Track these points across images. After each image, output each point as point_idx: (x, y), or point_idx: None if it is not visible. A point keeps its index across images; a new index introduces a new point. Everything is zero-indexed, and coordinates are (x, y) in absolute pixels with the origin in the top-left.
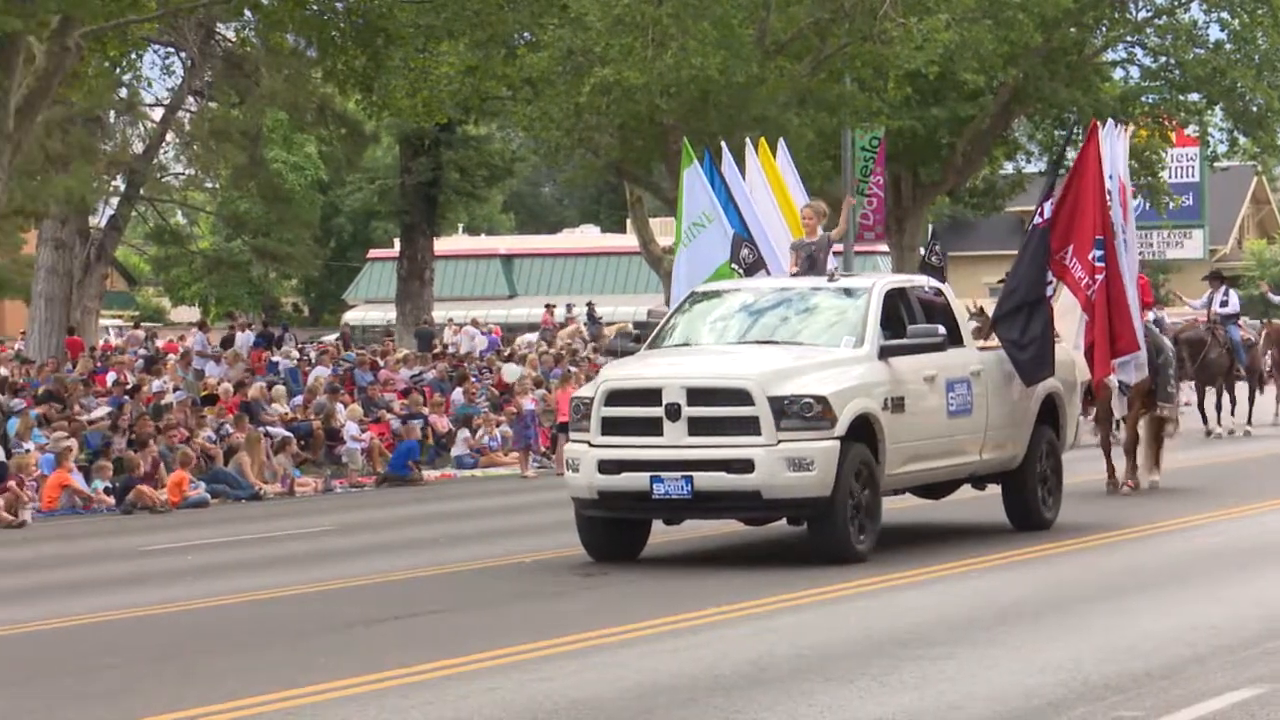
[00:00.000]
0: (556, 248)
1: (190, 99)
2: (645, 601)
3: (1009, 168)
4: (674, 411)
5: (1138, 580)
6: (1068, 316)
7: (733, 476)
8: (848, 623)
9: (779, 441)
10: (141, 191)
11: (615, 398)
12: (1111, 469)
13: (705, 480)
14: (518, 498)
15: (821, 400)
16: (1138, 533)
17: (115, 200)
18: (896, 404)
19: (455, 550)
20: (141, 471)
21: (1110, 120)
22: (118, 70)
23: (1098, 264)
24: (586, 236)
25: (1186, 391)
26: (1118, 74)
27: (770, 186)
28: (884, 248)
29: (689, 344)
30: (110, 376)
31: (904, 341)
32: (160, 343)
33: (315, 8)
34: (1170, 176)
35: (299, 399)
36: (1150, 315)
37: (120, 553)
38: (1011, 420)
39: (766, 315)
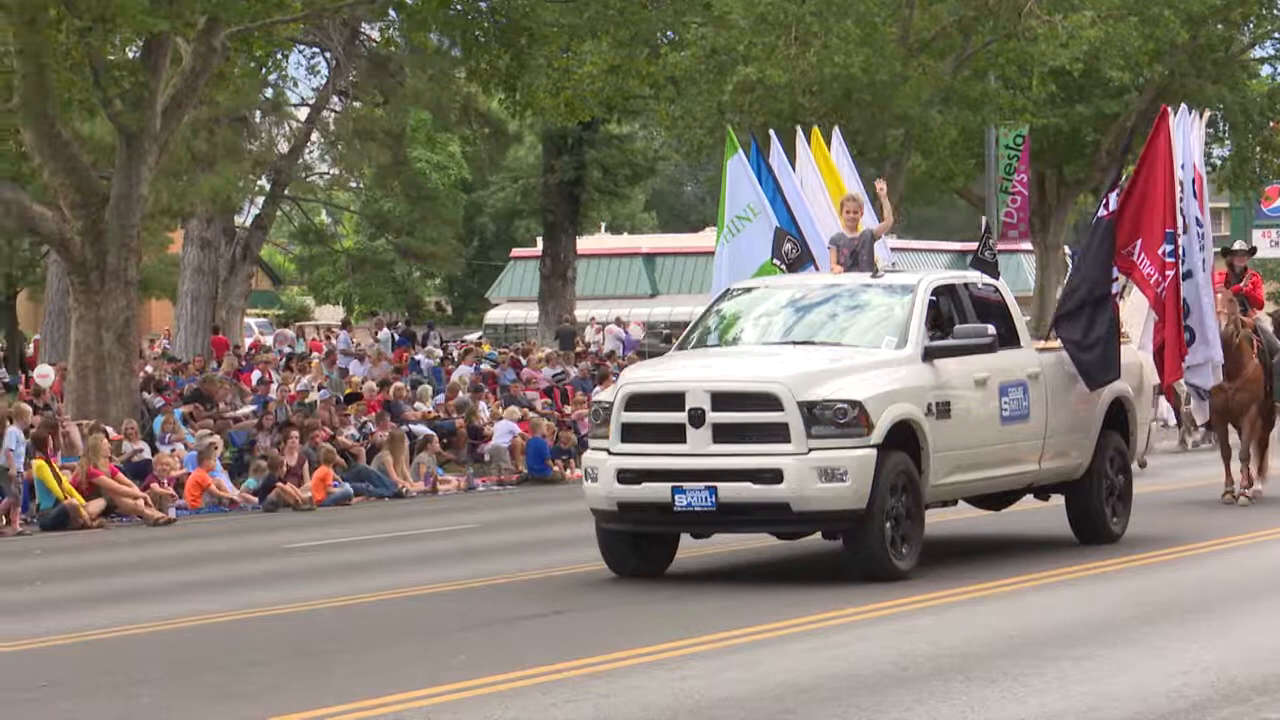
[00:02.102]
0: (698, 246)
1: (335, 99)
2: (779, 601)
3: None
4: (698, 417)
5: (1272, 584)
6: (1136, 316)
7: (760, 487)
8: (988, 623)
9: (810, 450)
10: (286, 191)
11: (635, 402)
12: (1230, 477)
13: (731, 491)
14: None
15: (856, 405)
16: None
17: (260, 200)
18: (942, 409)
19: (591, 549)
20: (285, 470)
21: (1184, 107)
22: (263, 70)
23: (1168, 260)
24: None
25: None
26: (1265, 70)
27: (823, 178)
28: (1028, 246)
29: (719, 345)
30: (255, 375)
31: (950, 342)
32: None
33: (459, 7)
34: None
35: (441, 397)
36: (1260, 314)
37: (263, 550)
38: (1074, 426)
39: (803, 314)
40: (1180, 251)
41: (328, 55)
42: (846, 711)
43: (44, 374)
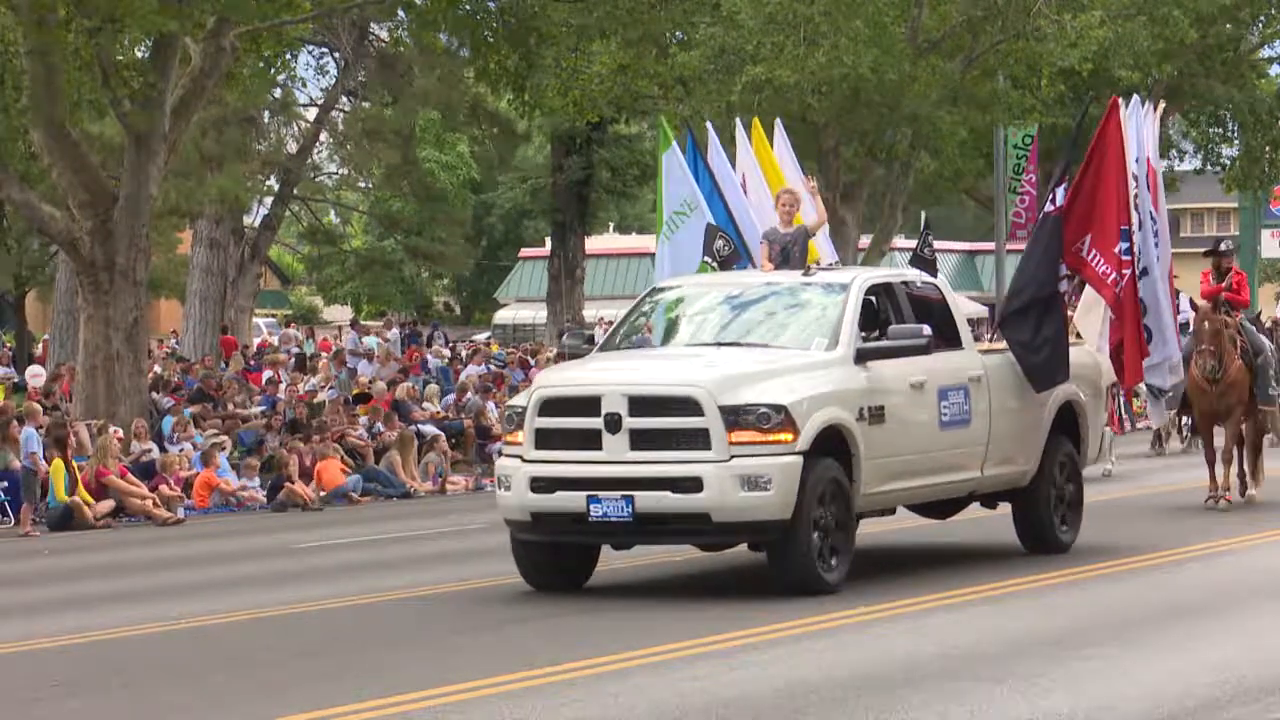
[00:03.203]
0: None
1: (344, 99)
2: (790, 601)
3: (1163, 165)
4: (614, 422)
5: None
6: (1090, 315)
7: (679, 497)
8: (997, 623)
9: (732, 457)
10: (295, 191)
11: (550, 406)
12: (1215, 482)
13: (648, 501)
14: None
15: (781, 410)
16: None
17: (269, 200)
18: (875, 414)
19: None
20: (292, 470)
21: (1135, 98)
22: (272, 71)
23: (1125, 258)
24: None
25: None
26: (1274, 70)
27: (763, 173)
28: None
29: (643, 346)
30: (265, 375)
31: (884, 344)
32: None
33: (468, 7)
34: None
35: (450, 398)
36: (1244, 315)
37: (271, 550)
38: (1020, 432)
39: (730, 315)
40: (1136, 249)
41: (336, 55)
42: (856, 711)
43: (36, 374)
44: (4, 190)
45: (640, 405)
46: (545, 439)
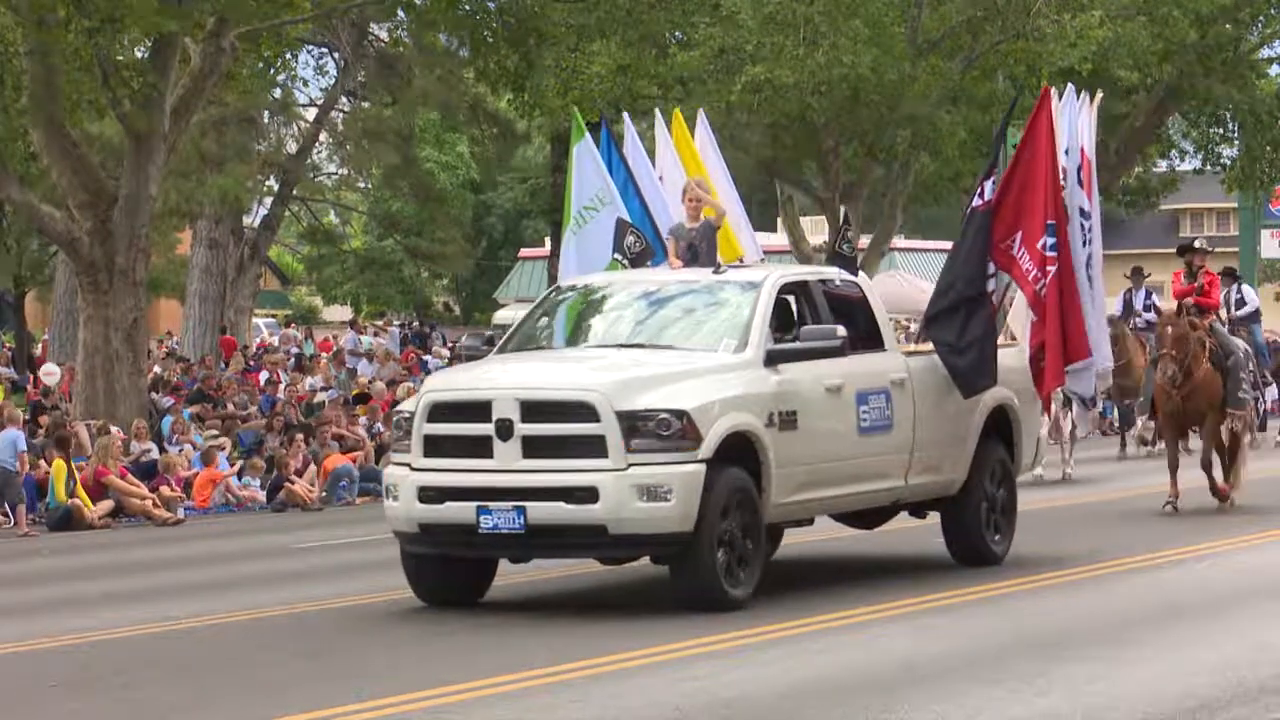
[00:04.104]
0: None
1: (343, 99)
2: (789, 602)
3: (1163, 165)
4: (505, 429)
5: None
6: (1023, 316)
7: (573, 507)
8: (995, 624)
9: (629, 466)
10: (295, 191)
11: (439, 411)
12: (1175, 489)
13: (541, 512)
14: None
15: (682, 415)
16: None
17: (269, 200)
18: (786, 419)
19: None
20: (292, 470)
21: (1070, 87)
22: (272, 71)
23: (1049, 254)
24: None
25: None
26: (1274, 70)
27: (683, 165)
28: None
29: (539, 348)
30: (263, 375)
31: (795, 345)
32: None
33: (468, 7)
34: None
35: None
36: (1213, 318)
37: (271, 551)
38: (947, 438)
39: (634, 314)
40: (1070, 244)
41: (336, 55)
42: (855, 712)
43: (50, 372)
44: (4, 190)
45: (533, 410)
46: (434, 446)
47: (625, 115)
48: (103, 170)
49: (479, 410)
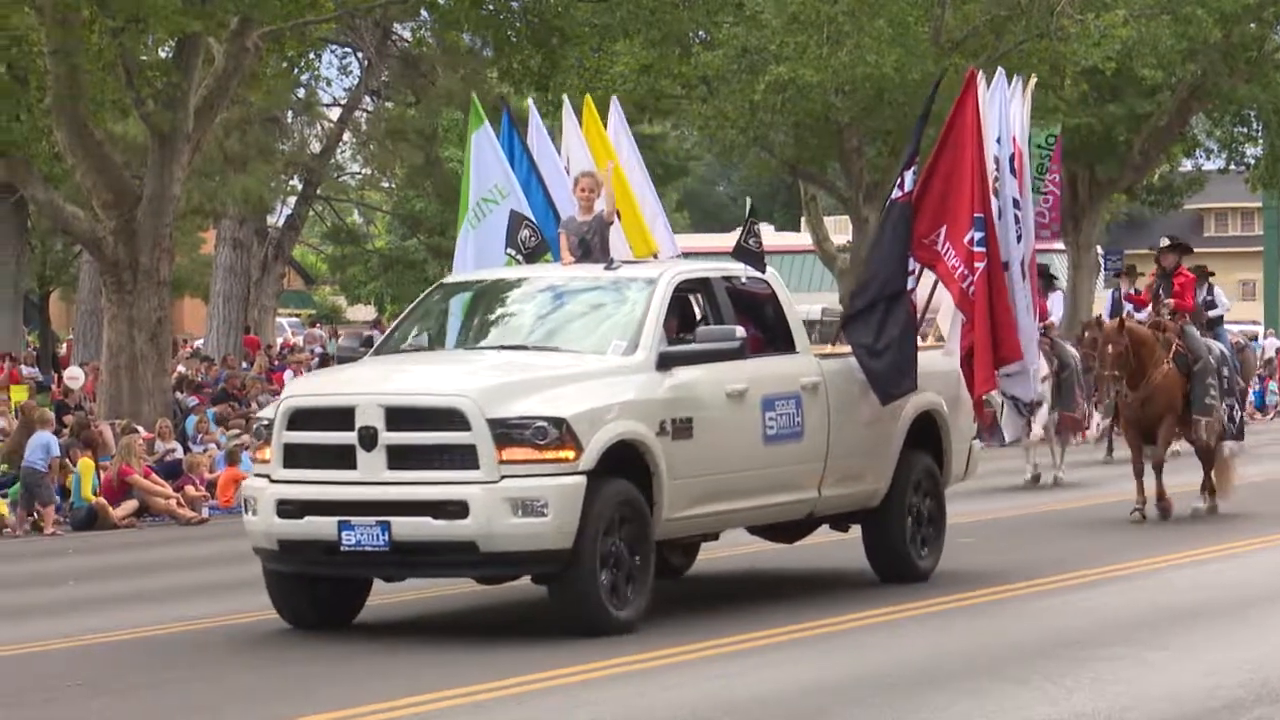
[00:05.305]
0: (731, 246)
1: (367, 99)
2: (815, 602)
3: (1187, 165)
4: (369, 437)
5: None
6: (951, 316)
7: (441, 523)
8: (1020, 624)
9: (502, 478)
10: (318, 191)
11: (299, 418)
12: (1142, 494)
13: (406, 527)
14: None
15: (560, 423)
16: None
17: (293, 200)
18: (681, 427)
19: None
20: None
21: (1000, 71)
22: (295, 71)
23: (977, 249)
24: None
25: None
26: None
27: (592, 155)
28: (1060, 246)
29: (419, 349)
30: (287, 374)
31: (690, 348)
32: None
33: (491, 7)
34: None
35: None
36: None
37: None
38: (867, 446)
39: (518, 314)
40: (999, 239)
41: (360, 55)
42: (878, 711)
43: (74, 376)
44: (28, 190)
45: (398, 417)
46: (294, 456)
47: (530, 101)
48: (127, 170)
49: (341, 417)
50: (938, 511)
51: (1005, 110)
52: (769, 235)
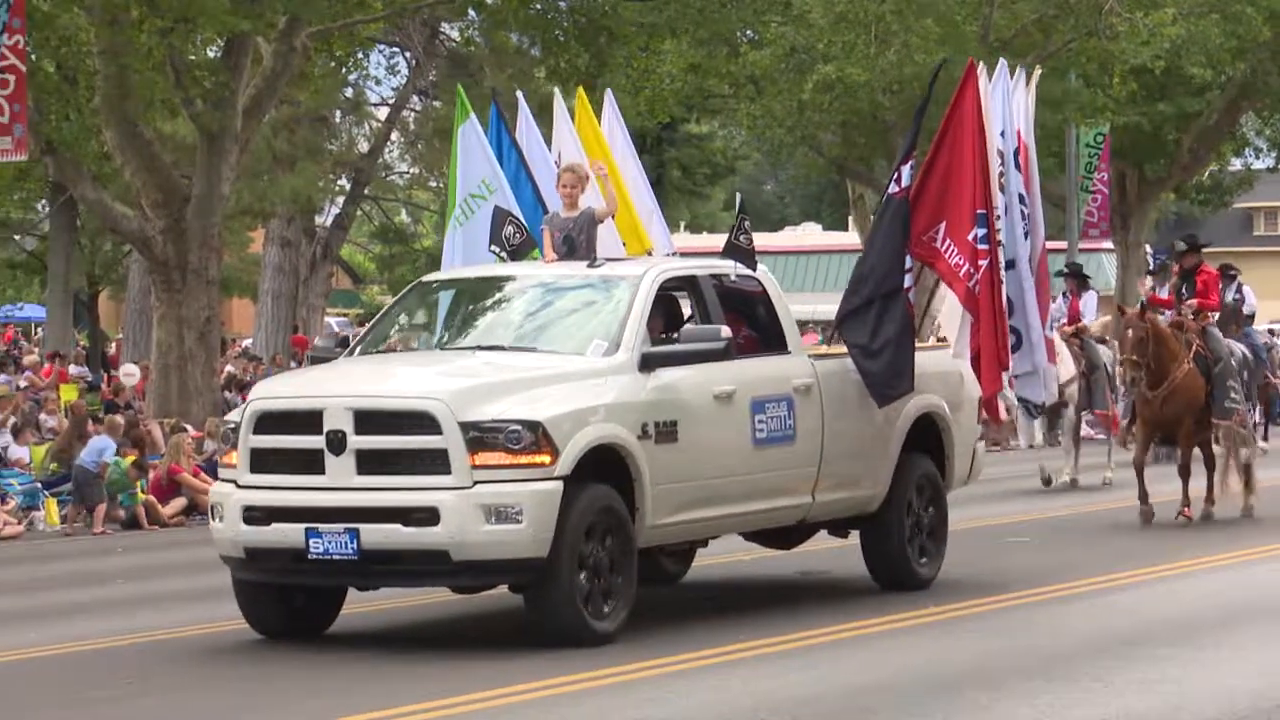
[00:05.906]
0: (778, 245)
1: (415, 98)
2: (858, 601)
3: (1236, 164)
4: (337, 441)
5: None
6: (956, 315)
7: (411, 530)
8: (1068, 623)
9: (475, 484)
10: (367, 190)
11: (266, 422)
12: (1144, 495)
13: (376, 535)
14: None
15: (535, 427)
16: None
17: (341, 199)
18: (664, 430)
19: None
20: None
21: (1002, 62)
22: (344, 70)
23: (980, 246)
24: (808, 234)
25: None
26: None
27: (584, 150)
28: (1109, 245)
29: (394, 350)
30: None
31: (674, 348)
32: None
33: (539, 7)
34: None
35: None
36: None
37: None
38: (864, 450)
39: (498, 313)
40: (1002, 237)
41: (408, 55)
42: (925, 710)
43: (130, 372)
44: (77, 190)
45: (368, 421)
46: (261, 461)
47: (520, 94)
48: (175, 169)
49: (309, 420)
50: (939, 518)
51: (1008, 103)
52: (816, 234)
